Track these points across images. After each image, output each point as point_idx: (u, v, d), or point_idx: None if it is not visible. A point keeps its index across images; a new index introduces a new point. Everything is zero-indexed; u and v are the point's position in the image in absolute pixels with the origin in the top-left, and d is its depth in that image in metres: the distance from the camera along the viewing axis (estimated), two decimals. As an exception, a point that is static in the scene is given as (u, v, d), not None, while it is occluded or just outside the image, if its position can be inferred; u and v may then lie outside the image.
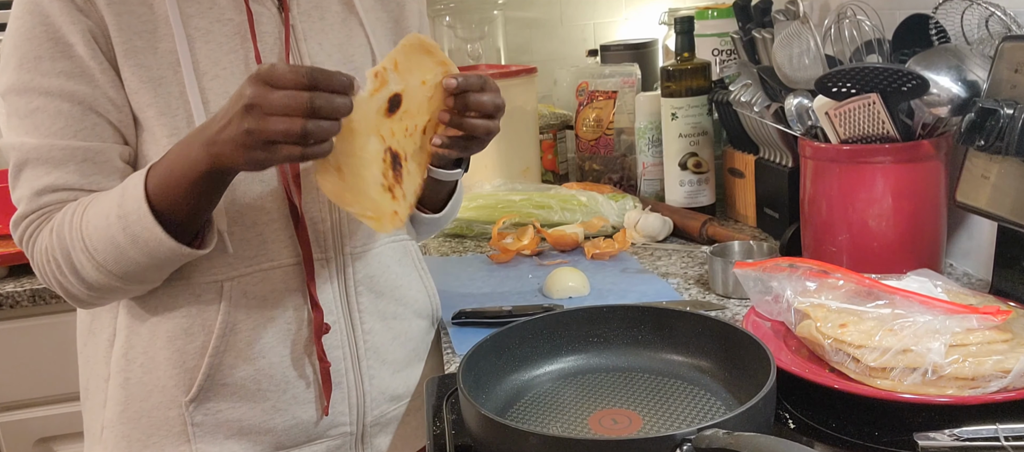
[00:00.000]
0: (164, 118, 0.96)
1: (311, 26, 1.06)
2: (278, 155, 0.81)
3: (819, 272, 0.99)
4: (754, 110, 1.41)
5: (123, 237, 0.90)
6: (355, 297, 1.08)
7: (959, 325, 0.86)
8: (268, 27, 1.02)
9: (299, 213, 1.02)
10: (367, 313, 1.09)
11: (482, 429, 0.79)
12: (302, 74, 0.80)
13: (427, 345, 1.20)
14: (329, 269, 1.05)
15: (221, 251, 0.99)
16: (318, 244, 1.04)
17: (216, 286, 1.00)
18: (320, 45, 1.06)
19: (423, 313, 1.19)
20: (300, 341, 1.04)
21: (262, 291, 1.01)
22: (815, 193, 1.22)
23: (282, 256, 1.02)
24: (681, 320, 0.96)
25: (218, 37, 0.99)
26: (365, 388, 1.09)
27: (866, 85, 1.11)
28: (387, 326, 1.12)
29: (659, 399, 0.89)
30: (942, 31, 1.16)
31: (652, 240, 1.56)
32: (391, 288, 1.12)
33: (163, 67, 0.96)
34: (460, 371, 0.84)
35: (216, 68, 0.99)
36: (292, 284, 1.03)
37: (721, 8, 1.80)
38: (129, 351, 1.01)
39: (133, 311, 1.01)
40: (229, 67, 0.99)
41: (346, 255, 1.07)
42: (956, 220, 1.26)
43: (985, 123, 1.00)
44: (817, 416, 0.87)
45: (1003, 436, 0.78)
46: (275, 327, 1.02)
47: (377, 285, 1.11)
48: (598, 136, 1.90)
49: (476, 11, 2.24)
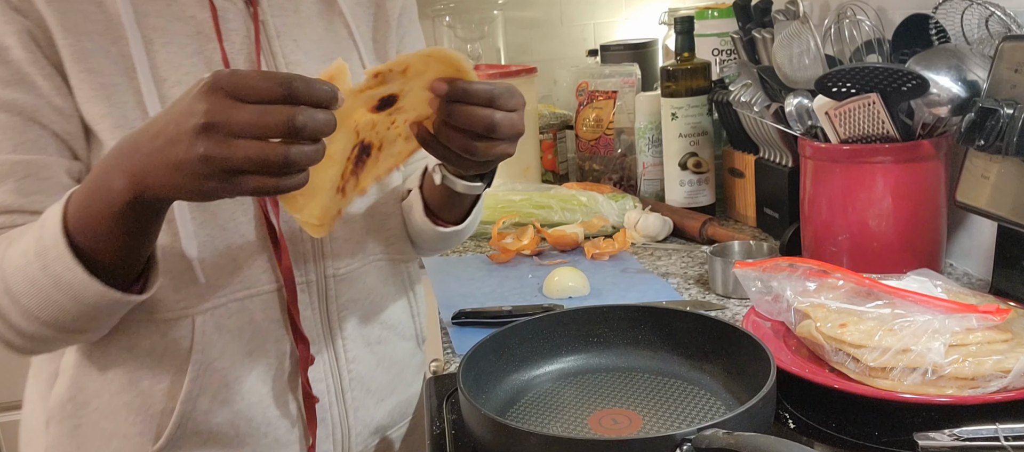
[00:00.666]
0: (120, 131, 0.83)
1: (284, 21, 0.94)
2: (243, 187, 0.66)
3: (819, 272, 0.99)
4: (754, 110, 1.41)
5: (44, 277, 0.76)
6: (339, 323, 0.98)
7: (959, 325, 0.86)
8: (235, 24, 0.91)
9: (278, 233, 0.91)
10: (351, 340, 0.99)
11: (482, 429, 0.79)
12: (277, 83, 0.64)
13: (412, 368, 1.11)
14: (310, 294, 0.95)
15: (191, 281, 0.87)
16: (299, 267, 0.94)
17: (186, 321, 0.88)
18: (296, 43, 0.95)
19: (407, 334, 1.09)
20: (282, 377, 0.94)
21: (238, 323, 0.90)
22: (815, 193, 1.22)
23: (260, 283, 0.91)
24: (681, 320, 0.96)
25: (178, 37, 0.88)
26: (350, 422, 1.00)
27: (866, 85, 1.10)
28: (372, 352, 1.02)
29: (659, 399, 0.89)
30: (942, 31, 1.16)
31: (652, 240, 1.56)
32: (376, 310, 1.03)
33: (117, 73, 0.85)
34: (460, 371, 0.84)
35: (177, 73, 0.87)
36: (272, 313, 0.92)
37: (721, 8, 1.80)
38: (78, 394, 0.89)
39: (83, 348, 0.89)
40: (192, 72, 0.87)
41: (329, 277, 0.96)
42: (956, 220, 1.26)
43: (985, 123, 1.00)
44: (817, 416, 0.87)
45: (1003, 436, 0.78)
46: (255, 363, 0.92)
47: (362, 308, 1.01)
48: (598, 136, 1.90)
49: (476, 11, 2.24)
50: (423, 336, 1.13)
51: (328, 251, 0.96)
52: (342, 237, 0.98)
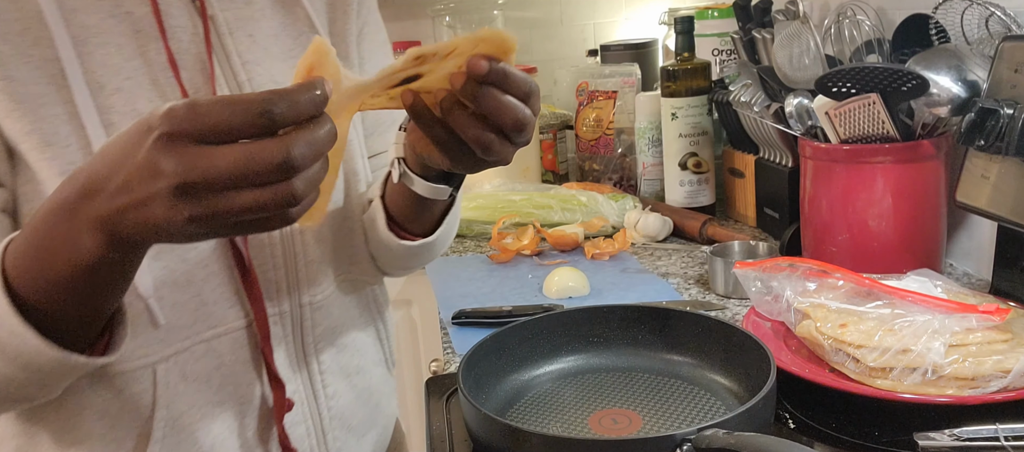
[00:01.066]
0: (51, 151, 0.71)
1: (236, 14, 0.83)
2: (251, 230, 0.57)
3: (819, 272, 0.99)
4: (754, 110, 1.41)
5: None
6: (316, 356, 0.88)
7: (959, 325, 0.85)
8: (180, 20, 0.79)
9: (246, 262, 0.80)
10: (330, 374, 0.89)
11: (482, 429, 0.78)
12: (252, 113, 0.52)
13: (386, 395, 1.02)
14: (284, 327, 0.85)
15: (148, 324, 0.75)
16: (270, 297, 0.83)
17: (146, 372, 0.76)
18: (251, 38, 0.83)
19: (378, 360, 1.00)
20: (257, 425, 0.83)
21: (206, 369, 0.79)
22: (815, 193, 1.22)
23: (228, 319, 0.80)
24: (681, 320, 0.96)
25: (115, 36, 0.76)
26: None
27: (866, 85, 1.10)
28: (351, 385, 0.93)
29: (659, 399, 0.89)
30: (942, 31, 1.16)
31: (652, 240, 1.56)
32: (350, 338, 0.93)
33: (41, 80, 0.72)
34: (460, 371, 0.84)
35: (117, 78, 0.75)
36: (242, 354, 0.81)
37: (721, 8, 1.80)
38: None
39: (24, 413, 0.77)
40: (134, 76, 0.75)
41: (305, 306, 0.86)
42: (956, 220, 1.26)
43: (985, 123, 0.99)
44: (817, 416, 0.87)
45: (1003, 436, 0.78)
46: (225, 413, 0.81)
47: (338, 337, 0.91)
48: (598, 136, 1.90)
49: (476, 11, 2.24)
50: (393, 360, 1.04)
51: (303, 276, 0.85)
52: (315, 259, 0.87)
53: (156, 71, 0.77)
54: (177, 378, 0.78)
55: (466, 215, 1.66)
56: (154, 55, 0.77)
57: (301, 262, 0.85)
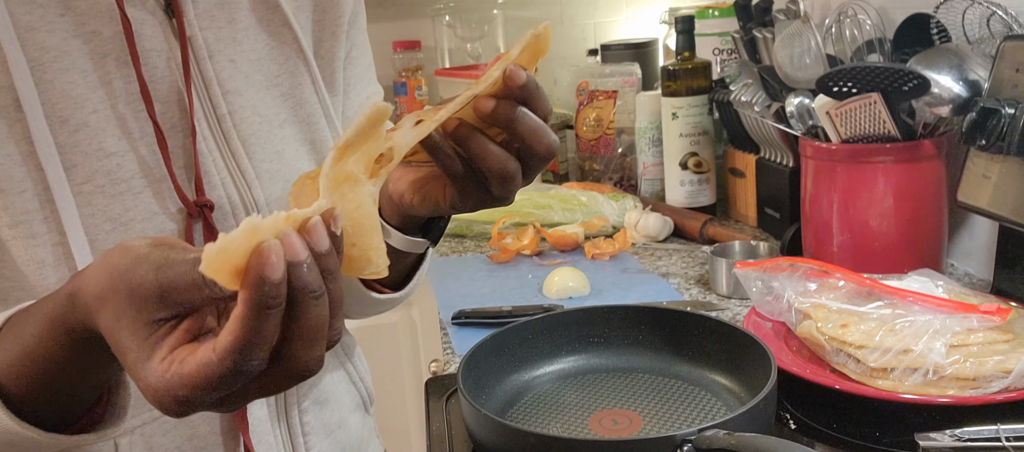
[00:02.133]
0: (2, 198, 0.62)
1: (217, 35, 0.74)
2: (294, 383, 0.49)
3: (820, 272, 0.99)
4: (755, 110, 1.41)
5: None
6: (299, 417, 0.80)
7: (960, 325, 0.85)
8: (154, 42, 0.69)
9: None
10: (314, 435, 0.82)
11: (482, 429, 0.78)
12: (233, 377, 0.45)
13: (365, 439, 0.94)
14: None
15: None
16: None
17: (107, 446, 0.67)
18: (233, 64, 0.74)
19: (354, 405, 0.92)
20: None
21: (176, 441, 0.71)
22: (816, 193, 1.22)
23: None
24: (681, 320, 0.96)
25: (79, 61, 0.65)
26: None
27: (867, 85, 1.10)
28: (334, 441, 0.86)
29: (659, 399, 0.89)
30: (943, 30, 1.15)
31: (652, 240, 1.56)
32: (327, 390, 0.86)
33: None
34: (460, 371, 0.84)
35: (82, 112, 0.65)
36: (218, 424, 0.73)
37: (722, 7, 1.80)
38: None
39: None
40: (100, 109, 0.66)
41: None
42: (957, 220, 1.26)
43: (986, 123, 0.99)
44: (818, 416, 0.87)
45: (1004, 436, 0.78)
46: None
47: (319, 393, 0.83)
48: (598, 136, 1.89)
49: (476, 11, 2.24)
50: (371, 399, 0.97)
51: None
52: None
53: (123, 104, 0.67)
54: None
55: (466, 215, 1.66)
56: (122, 83, 0.67)
57: None
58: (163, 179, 0.69)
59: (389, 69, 2.26)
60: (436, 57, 2.27)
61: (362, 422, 0.93)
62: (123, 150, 0.67)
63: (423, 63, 2.25)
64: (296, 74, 0.79)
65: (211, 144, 0.73)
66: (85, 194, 0.65)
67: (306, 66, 0.79)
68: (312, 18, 0.81)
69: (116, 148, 0.66)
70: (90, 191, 0.65)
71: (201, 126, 0.72)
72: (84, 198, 0.65)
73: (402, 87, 2.22)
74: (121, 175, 0.67)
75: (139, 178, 0.67)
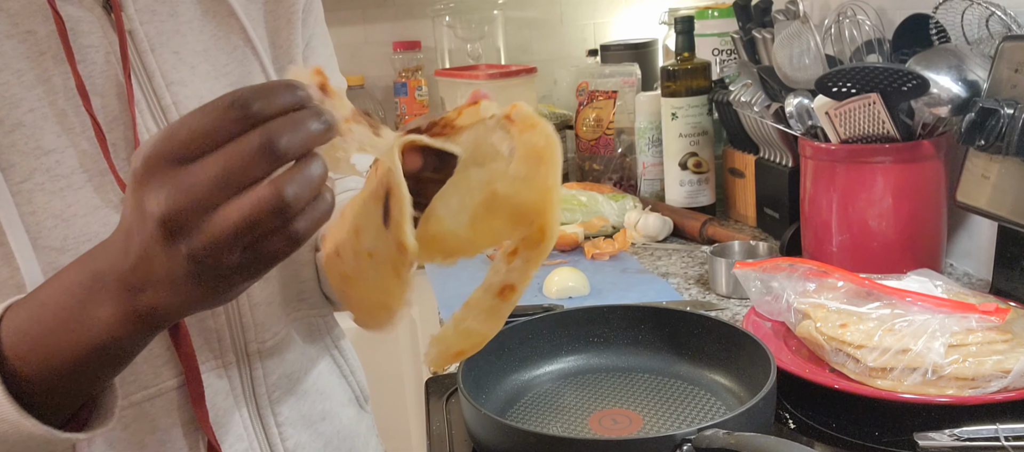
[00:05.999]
0: None
1: (159, 28, 0.73)
2: (261, 264, 0.49)
3: (819, 272, 0.99)
4: (754, 110, 1.41)
5: None
6: (271, 408, 0.78)
7: (959, 325, 0.85)
8: (92, 39, 0.69)
9: None
10: (290, 425, 0.80)
11: (482, 429, 0.78)
12: (223, 111, 0.46)
13: (362, 436, 0.93)
14: (231, 380, 0.75)
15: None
16: (211, 348, 0.73)
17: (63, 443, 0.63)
18: (177, 55, 0.73)
19: (345, 399, 0.90)
20: None
21: (136, 436, 0.69)
22: (815, 193, 1.22)
23: (161, 377, 0.70)
24: (681, 320, 0.96)
25: (13, 61, 0.65)
26: None
27: (866, 85, 1.10)
28: (317, 433, 0.83)
29: (659, 399, 0.89)
30: (942, 31, 1.16)
31: (652, 240, 1.56)
32: (309, 381, 0.84)
33: None
34: (460, 371, 0.84)
35: (17, 112, 0.65)
36: (177, 416, 0.72)
37: (721, 8, 1.80)
38: None
39: None
40: (37, 108, 0.65)
41: (253, 354, 0.76)
42: (956, 220, 1.26)
43: (985, 123, 0.99)
44: (817, 416, 0.87)
45: (1003, 436, 0.78)
46: None
47: (295, 383, 0.81)
48: (598, 136, 1.90)
49: (476, 11, 2.24)
50: (365, 395, 0.95)
51: (248, 320, 0.76)
52: (261, 300, 0.77)
53: (61, 99, 0.67)
54: (102, 448, 0.68)
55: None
56: (59, 81, 0.67)
57: (244, 305, 0.75)
58: (104, 172, 0.68)
59: (389, 69, 2.26)
60: (436, 57, 2.27)
61: (356, 418, 0.92)
62: (62, 146, 0.67)
63: (423, 63, 2.25)
64: (245, 63, 0.79)
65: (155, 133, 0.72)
66: (24, 192, 0.65)
67: (255, 54, 0.79)
68: (264, 8, 0.82)
69: (55, 145, 0.66)
70: (30, 189, 0.65)
71: (144, 117, 0.71)
72: (24, 196, 0.65)
73: (402, 87, 2.22)
74: (61, 171, 0.67)
75: (79, 173, 0.67)
